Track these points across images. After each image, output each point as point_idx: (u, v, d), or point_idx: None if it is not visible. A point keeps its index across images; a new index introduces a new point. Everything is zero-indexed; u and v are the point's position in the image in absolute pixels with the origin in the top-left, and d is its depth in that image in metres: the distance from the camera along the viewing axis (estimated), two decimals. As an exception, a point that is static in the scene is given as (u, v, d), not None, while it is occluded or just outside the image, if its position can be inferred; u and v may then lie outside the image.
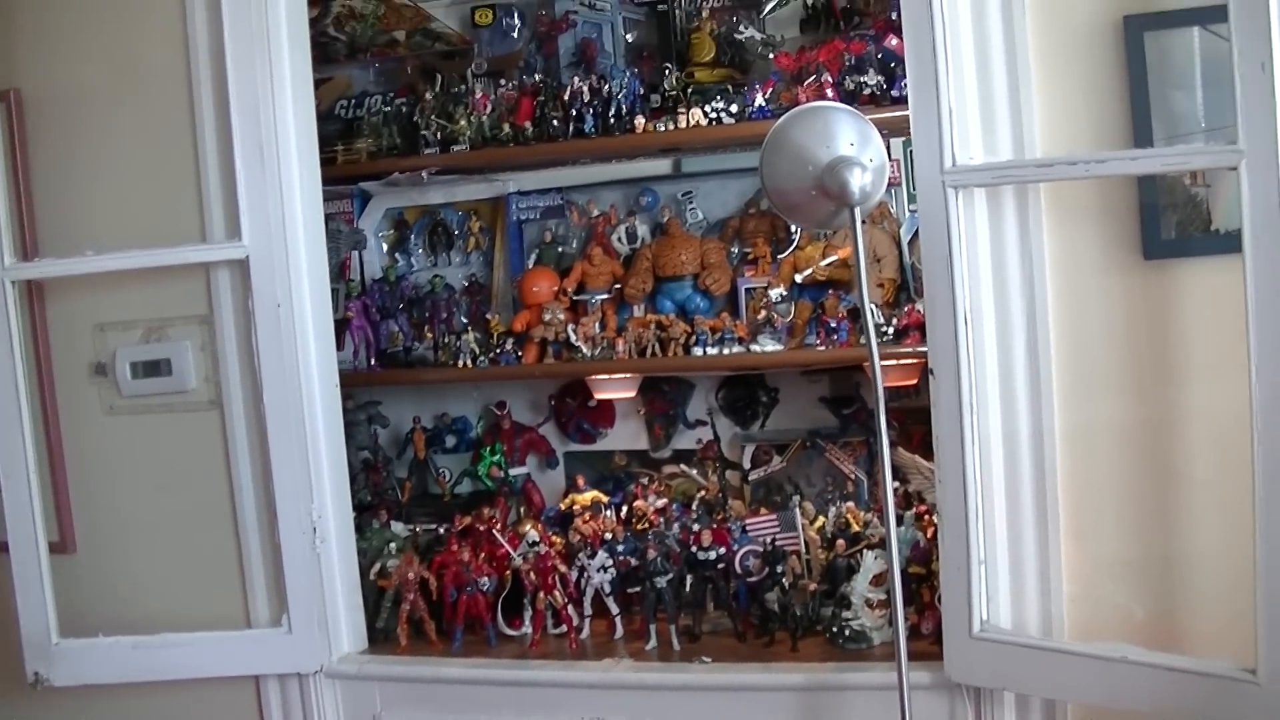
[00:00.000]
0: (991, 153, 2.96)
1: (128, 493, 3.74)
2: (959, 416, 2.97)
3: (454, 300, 4.29)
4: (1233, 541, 2.68)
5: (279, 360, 3.49)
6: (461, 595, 3.67)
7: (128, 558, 3.73)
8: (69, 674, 3.63)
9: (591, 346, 3.94)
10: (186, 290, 3.60)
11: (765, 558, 3.56)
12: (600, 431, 4.48)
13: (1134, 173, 2.86)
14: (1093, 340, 2.97)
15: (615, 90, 3.88)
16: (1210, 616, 2.87)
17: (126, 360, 3.68)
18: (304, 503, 3.53)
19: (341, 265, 4.39)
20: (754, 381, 4.26)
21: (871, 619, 3.40)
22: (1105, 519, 3.00)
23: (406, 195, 4.45)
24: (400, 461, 4.54)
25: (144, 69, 3.58)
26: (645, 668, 3.46)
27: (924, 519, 3.49)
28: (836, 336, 3.70)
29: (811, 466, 4.14)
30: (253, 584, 3.63)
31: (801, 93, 3.66)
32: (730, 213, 4.17)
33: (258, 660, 3.64)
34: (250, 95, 3.42)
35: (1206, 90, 2.86)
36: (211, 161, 3.50)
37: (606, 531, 3.75)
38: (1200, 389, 2.87)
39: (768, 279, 3.88)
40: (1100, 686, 2.86)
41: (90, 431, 3.76)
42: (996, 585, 3.03)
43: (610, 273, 4.10)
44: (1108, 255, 2.95)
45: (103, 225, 3.62)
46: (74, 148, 3.66)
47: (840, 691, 3.25)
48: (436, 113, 4.10)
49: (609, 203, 4.28)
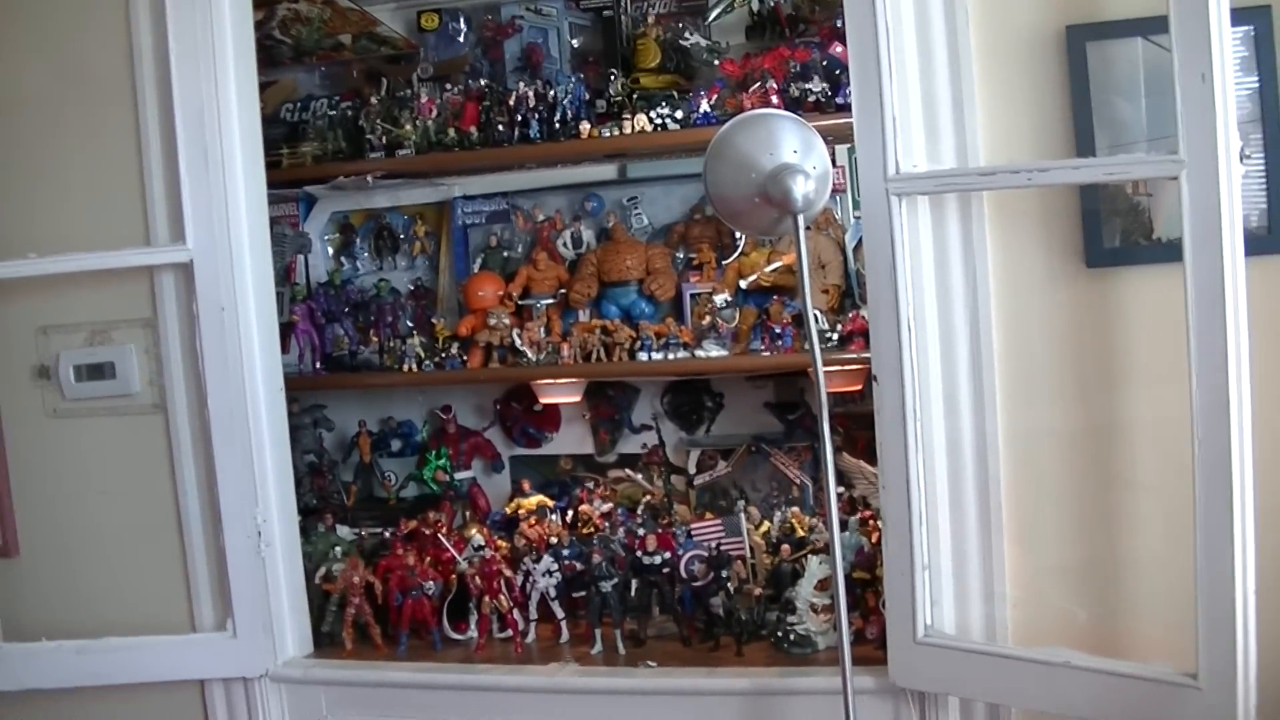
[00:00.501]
0: (935, 160, 2.98)
1: (71, 496, 3.70)
2: (902, 422, 2.98)
3: (399, 304, 4.30)
4: (1174, 546, 2.70)
5: (223, 364, 3.47)
6: (407, 599, 3.66)
7: (71, 562, 3.70)
8: (12, 679, 3.60)
9: (536, 351, 3.94)
10: (130, 293, 3.59)
11: (710, 563, 3.56)
12: (545, 436, 4.48)
13: (1076, 182, 2.88)
14: (1035, 347, 2.99)
15: (560, 96, 3.89)
16: (1152, 621, 2.90)
17: (70, 363, 3.66)
18: (249, 506, 3.52)
19: (287, 269, 4.37)
20: (699, 387, 4.28)
21: (816, 624, 3.41)
22: (1048, 524, 3.02)
23: (352, 199, 4.45)
24: (346, 465, 4.53)
25: (88, 72, 3.55)
26: (591, 672, 3.45)
27: (869, 524, 3.50)
28: (781, 342, 3.72)
29: (757, 472, 4.16)
30: (197, 588, 3.61)
31: (746, 99, 3.68)
32: (675, 218, 4.19)
33: (203, 664, 3.62)
34: (194, 99, 3.41)
35: (1149, 100, 2.89)
36: (155, 165, 3.49)
37: (552, 536, 3.75)
38: (1142, 395, 2.90)
39: (713, 285, 3.90)
40: (1043, 691, 2.89)
41: (33, 435, 3.73)
42: (940, 590, 3.05)
43: (555, 278, 4.11)
44: (1050, 263, 2.97)
45: (46, 228, 3.59)
46: (17, 151, 3.63)
47: (785, 696, 3.26)
48: (382, 117, 4.09)
49: (554, 208, 4.30)
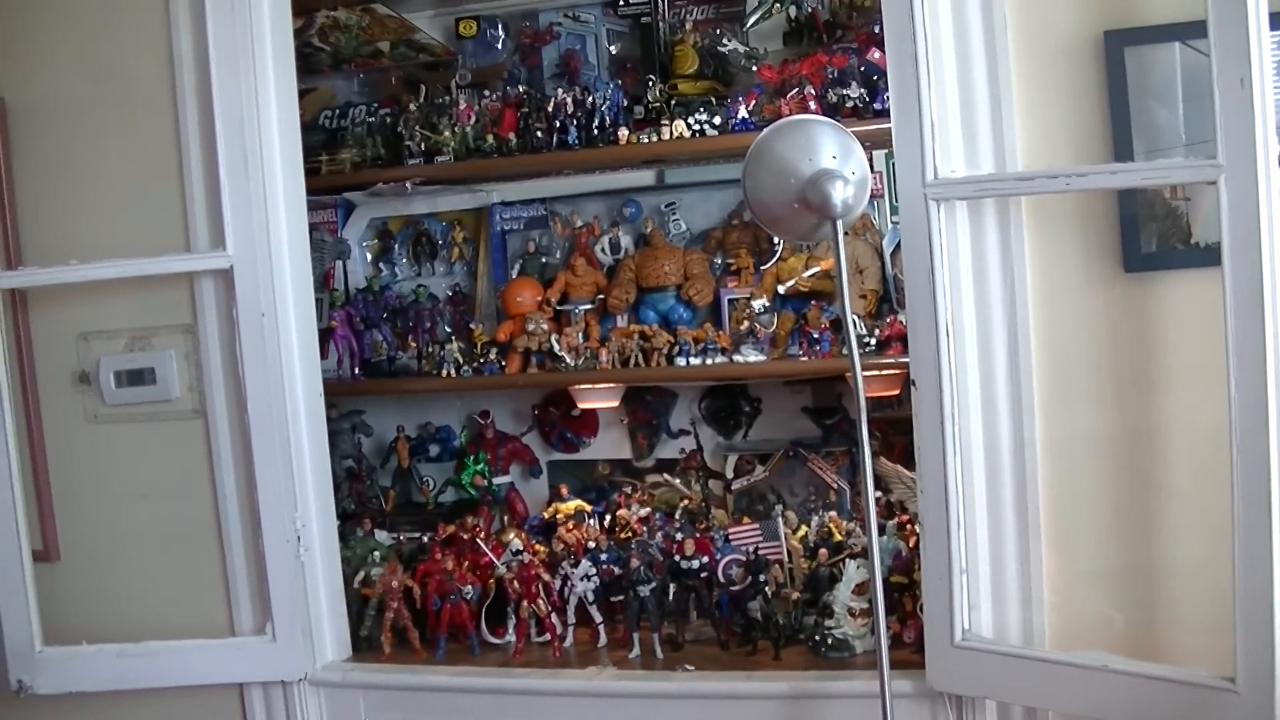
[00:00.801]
0: (973, 166, 2.98)
1: (111, 501, 3.72)
2: (940, 426, 2.99)
3: (437, 310, 4.31)
4: (1212, 551, 2.69)
5: (263, 369, 3.49)
6: (445, 604, 3.67)
7: (111, 566, 3.72)
8: (53, 682, 3.62)
9: (575, 356, 3.94)
10: (171, 300, 3.60)
11: (748, 567, 3.56)
12: (583, 441, 4.48)
13: (1114, 186, 2.88)
14: (1073, 351, 2.99)
15: (599, 102, 3.89)
16: (1189, 626, 2.89)
17: (110, 369, 3.67)
18: (288, 511, 3.53)
19: (325, 275, 4.39)
20: (737, 392, 4.28)
21: (854, 628, 3.41)
22: (1086, 528, 3.01)
23: (390, 205, 4.47)
24: (384, 470, 4.54)
25: (129, 79, 3.57)
26: (628, 676, 3.46)
27: (906, 528, 3.50)
28: (819, 347, 3.71)
29: (794, 476, 4.16)
30: (236, 592, 3.62)
31: (784, 105, 3.68)
32: (713, 224, 4.19)
33: (242, 668, 3.63)
34: (235, 106, 3.43)
35: (1186, 105, 2.88)
36: (196, 171, 3.50)
37: (590, 540, 3.76)
38: (1180, 400, 2.89)
39: (750, 290, 3.91)
40: (1081, 695, 2.88)
41: (74, 440, 3.75)
42: (978, 594, 3.05)
43: (593, 283, 4.12)
44: (1088, 267, 2.97)
45: (87, 234, 3.61)
46: (59, 157, 3.65)
47: (823, 699, 3.26)
48: (420, 123, 4.10)
49: (592, 214, 4.30)
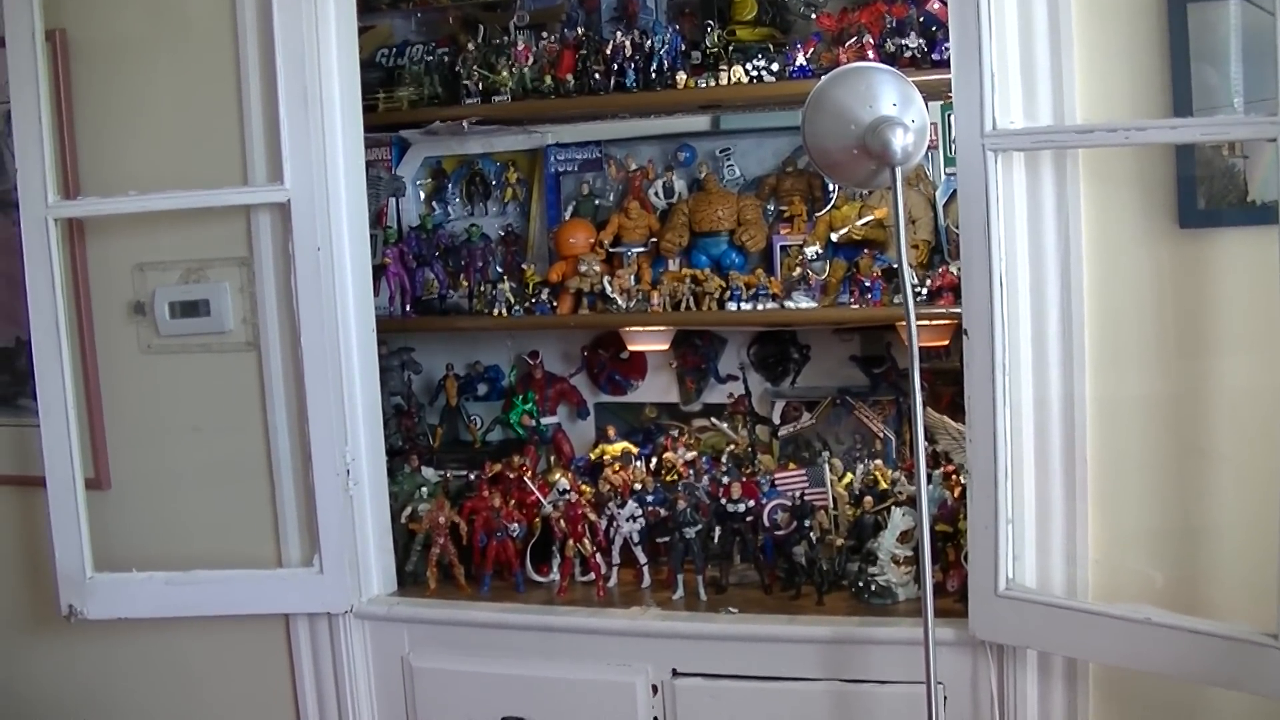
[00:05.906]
0: (1031, 118, 2.97)
1: (163, 431, 3.77)
2: (991, 378, 2.99)
3: (490, 250, 4.33)
4: (1256, 513, 2.70)
5: (317, 304, 3.51)
6: (491, 541, 3.71)
7: (162, 495, 3.77)
8: (102, 608, 3.68)
9: (626, 299, 3.96)
10: (226, 232, 3.63)
11: (793, 512, 3.58)
12: (631, 383, 4.50)
13: (1173, 141, 2.87)
14: (1126, 307, 2.98)
15: (657, 46, 3.88)
16: (1231, 586, 2.90)
17: (165, 300, 3.70)
18: (338, 445, 3.57)
19: (379, 212, 4.39)
20: (786, 338, 4.28)
21: (897, 575, 3.43)
22: (1131, 487, 3.01)
23: (445, 145, 4.48)
24: (432, 408, 4.57)
25: (189, 13, 3.59)
26: (672, 616, 3.49)
27: (951, 478, 3.52)
28: (870, 296, 3.72)
29: (840, 424, 4.17)
30: (285, 524, 3.67)
31: (842, 54, 3.67)
32: (767, 171, 4.19)
33: (288, 599, 3.68)
34: (295, 41, 3.44)
35: (1247, 63, 2.86)
36: (255, 105, 3.51)
37: (636, 482, 3.77)
38: (1230, 361, 2.89)
39: (803, 237, 3.91)
40: (1122, 647, 2.90)
41: (127, 370, 3.78)
42: (1023, 545, 3.07)
43: (646, 227, 4.13)
44: (1143, 223, 2.96)
45: (144, 166, 3.63)
46: (118, 89, 3.67)
47: (865, 645, 3.29)
48: (478, 63, 4.10)
49: (647, 157, 4.30)
